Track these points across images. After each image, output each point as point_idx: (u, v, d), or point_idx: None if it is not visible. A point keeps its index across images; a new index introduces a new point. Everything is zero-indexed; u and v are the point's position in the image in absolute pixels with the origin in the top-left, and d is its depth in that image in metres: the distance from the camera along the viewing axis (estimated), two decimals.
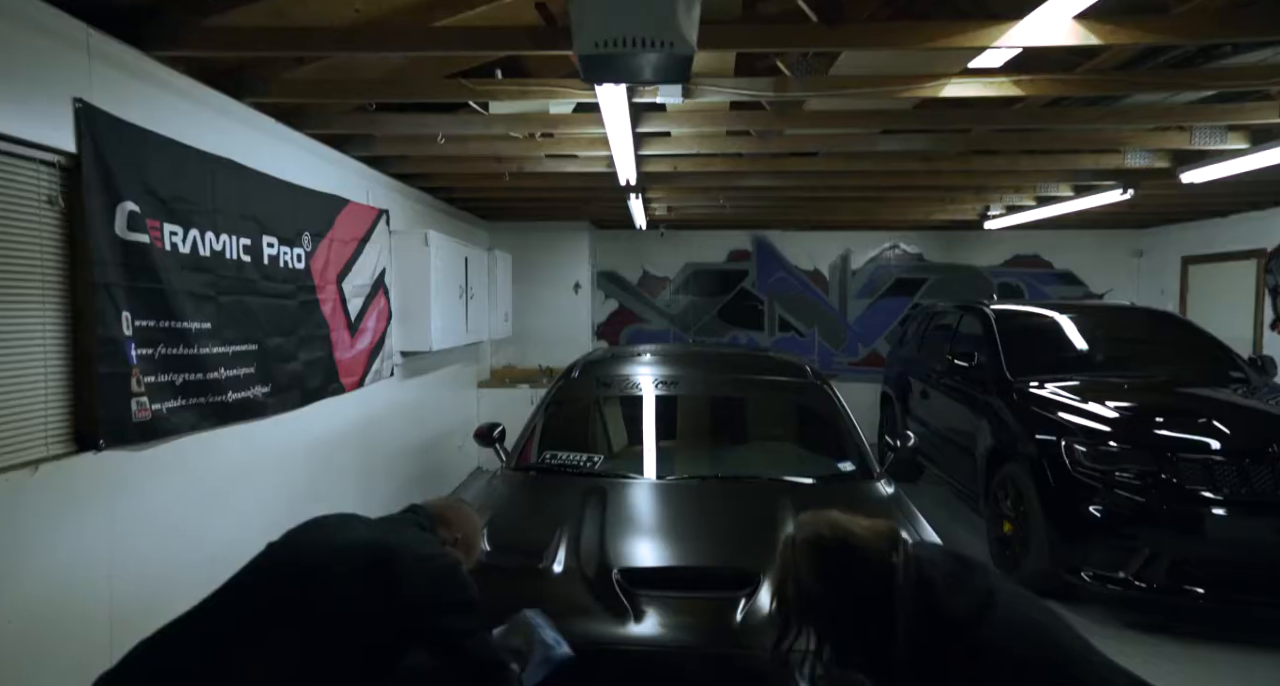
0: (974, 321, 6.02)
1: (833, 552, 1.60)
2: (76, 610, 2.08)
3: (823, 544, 1.61)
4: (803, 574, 1.62)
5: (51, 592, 2.23)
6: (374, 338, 4.83)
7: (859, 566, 1.57)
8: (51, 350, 2.33)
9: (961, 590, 1.54)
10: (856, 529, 1.62)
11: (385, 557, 1.60)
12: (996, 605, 1.51)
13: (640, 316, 9.24)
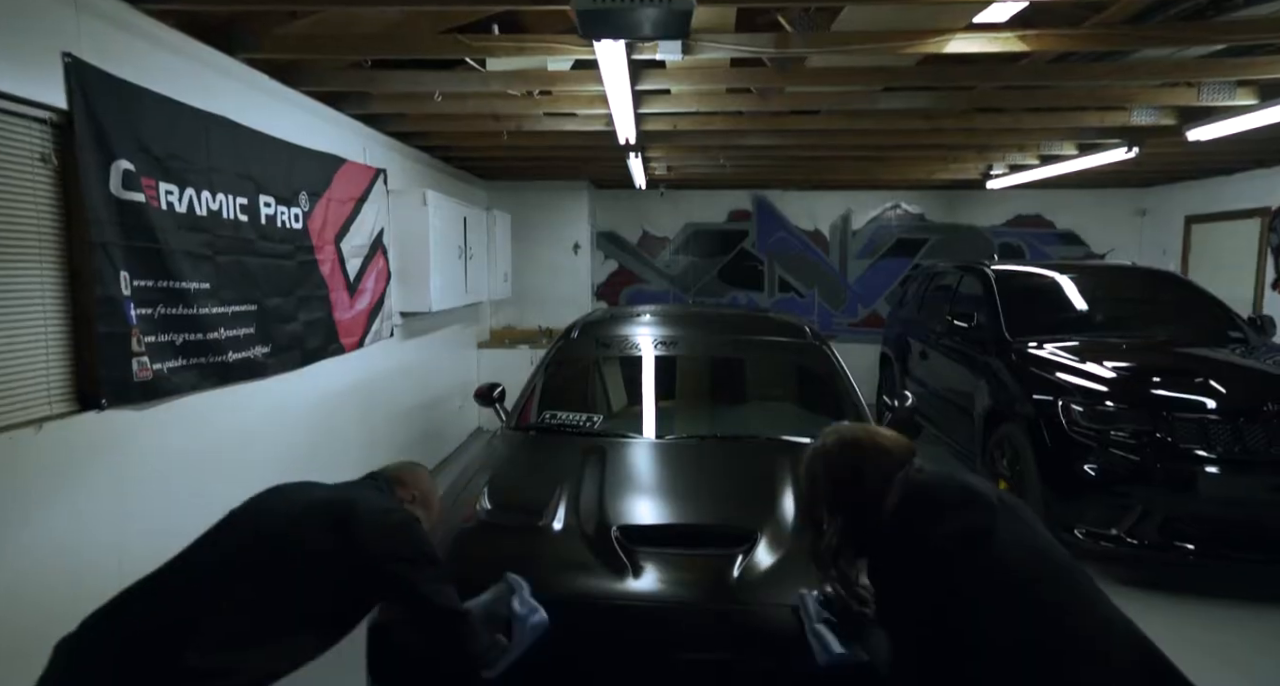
0: (974, 282, 6.01)
1: (854, 446, 1.69)
2: (84, 564, 2.12)
3: (845, 438, 1.72)
4: (827, 462, 1.70)
5: (58, 548, 2.26)
6: (373, 298, 4.83)
7: (873, 468, 1.64)
8: (50, 309, 2.33)
9: (958, 516, 1.56)
10: (880, 434, 1.73)
11: (343, 513, 1.69)
12: (993, 536, 1.51)
13: (640, 277, 9.22)
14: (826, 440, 1.76)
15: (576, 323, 4.26)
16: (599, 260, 9.13)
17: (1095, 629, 1.45)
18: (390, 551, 1.69)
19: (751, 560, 2.21)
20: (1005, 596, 1.47)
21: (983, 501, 1.58)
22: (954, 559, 1.51)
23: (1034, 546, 1.53)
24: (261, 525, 1.69)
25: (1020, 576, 1.48)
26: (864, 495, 1.63)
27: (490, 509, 2.59)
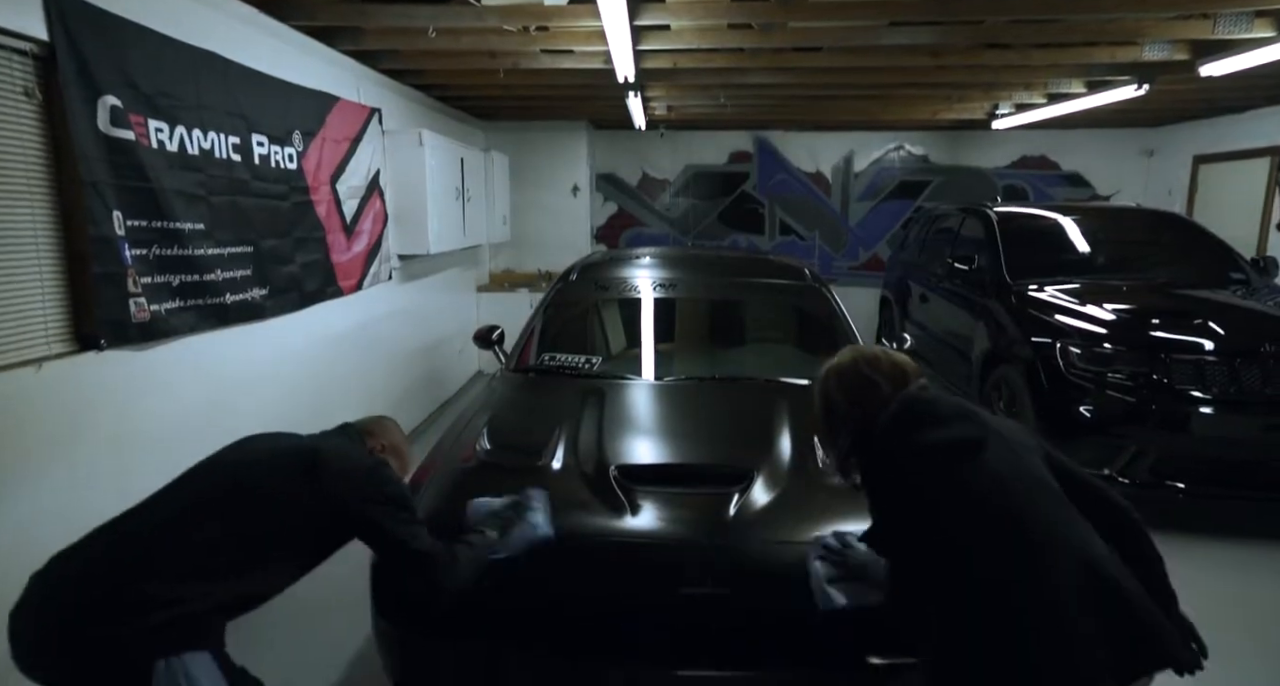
0: (976, 224, 5.96)
1: (869, 361, 1.76)
2: (86, 502, 2.15)
3: (860, 354, 1.80)
4: (840, 378, 1.77)
5: (60, 486, 2.30)
6: (370, 240, 4.79)
7: (885, 381, 1.72)
8: (44, 249, 2.31)
9: (950, 428, 1.62)
10: (892, 353, 1.81)
11: (311, 458, 1.75)
12: (983, 451, 1.56)
13: (640, 219, 9.14)
14: (842, 356, 1.83)
15: (575, 265, 4.24)
16: (598, 203, 9.03)
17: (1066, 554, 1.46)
18: (358, 494, 1.75)
19: (748, 499, 2.25)
20: (982, 507, 1.52)
21: (977, 419, 1.64)
22: (937, 463, 1.58)
23: (1021, 469, 1.57)
24: (230, 470, 1.75)
25: (1001, 491, 1.52)
26: (873, 407, 1.70)
27: (490, 449, 2.62)
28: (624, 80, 4.97)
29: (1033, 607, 1.42)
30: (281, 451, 1.80)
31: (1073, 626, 1.40)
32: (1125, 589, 1.45)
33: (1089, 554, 1.47)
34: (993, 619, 1.45)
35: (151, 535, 1.60)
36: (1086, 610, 1.40)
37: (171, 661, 1.47)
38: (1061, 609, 1.41)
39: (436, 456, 2.65)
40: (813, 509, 2.22)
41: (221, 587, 1.58)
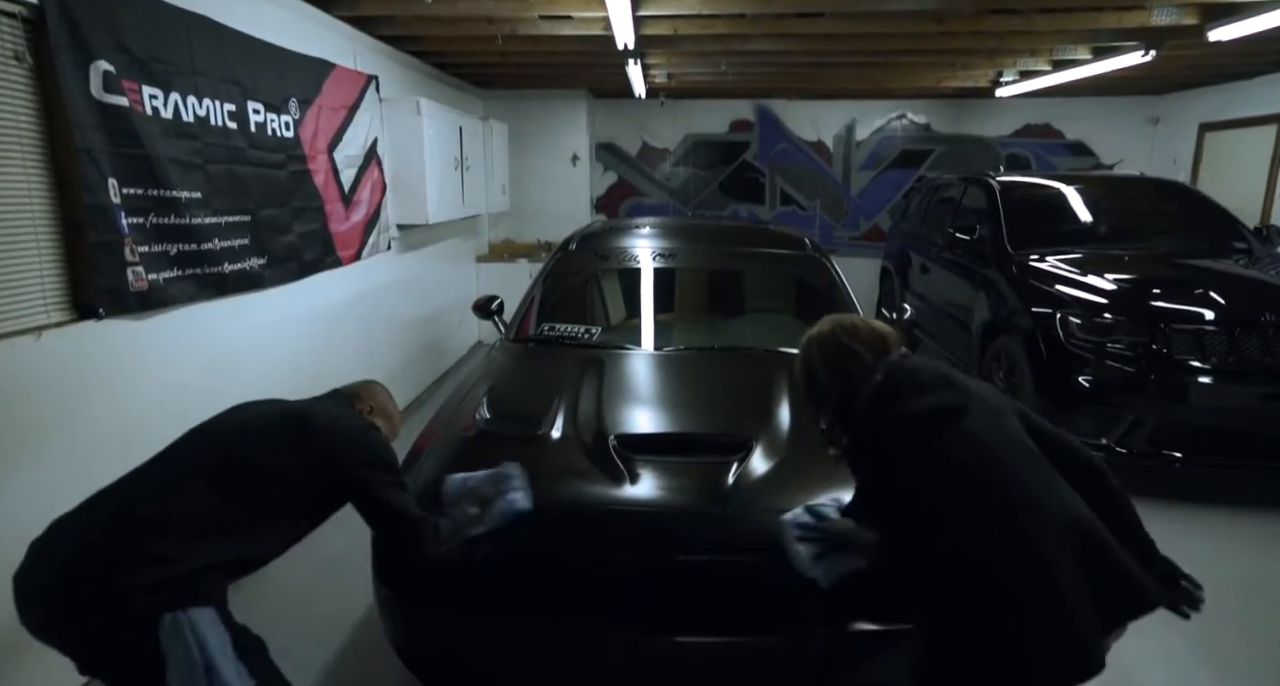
0: (978, 194, 5.92)
1: (849, 330, 1.77)
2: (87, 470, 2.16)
3: (841, 323, 1.80)
4: (822, 347, 1.78)
5: (62, 457, 2.31)
6: (369, 210, 4.76)
7: (865, 349, 1.72)
8: (40, 217, 2.30)
9: (933, 395, 1.64)
10: (872, 322, 1.81)
11: (301, 421, 1.79)
12: (965, 416, 1.59)
13: (639, 189, 9.08)
14: (822, 326, 1.83)
15: (574, 235, 4.22)
16: (598, 172, 8.97)
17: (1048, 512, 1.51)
18: (346, 455, 1.77)
19: (746, 467, 2.26)
20: (966, 471, 1.55)
21: (959, 386, 1.67)
22: (922, 430, 1.60)
23: (1002, 432, 1.60)
24: (220, 437, 1.77)
25: (983, 455, 1.55)
26: (855, 376, 1.71)
27: (490, 418, 2.62)
28: (623, 47, 4.90)
29: (1022, 568, 1.46)
30: (271, 416, 1.82)
31: (1060, 585, 1.43)
32: (1105, 543, 1.50)
33: (1070, 513, 1.52)
34: (983, 582, 1.48)
35: (147, 499, 1.62)
36: (1071, 567, 1.44)
37: (178, 615, 1.49)
38: (1049, 568, 1.45)
39: (436, 425, 2.66)
40: (811, 478, 2.23)
41: (218, 549, 1.61)
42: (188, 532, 1.58)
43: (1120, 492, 1.67)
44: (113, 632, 1.51)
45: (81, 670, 1.59)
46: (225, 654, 1.53)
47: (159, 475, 1.69)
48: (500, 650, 2.13)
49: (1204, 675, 2.76)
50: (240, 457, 1.71)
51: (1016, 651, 1.44)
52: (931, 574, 1.56)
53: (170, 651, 1.48)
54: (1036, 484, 1.54)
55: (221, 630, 1.55)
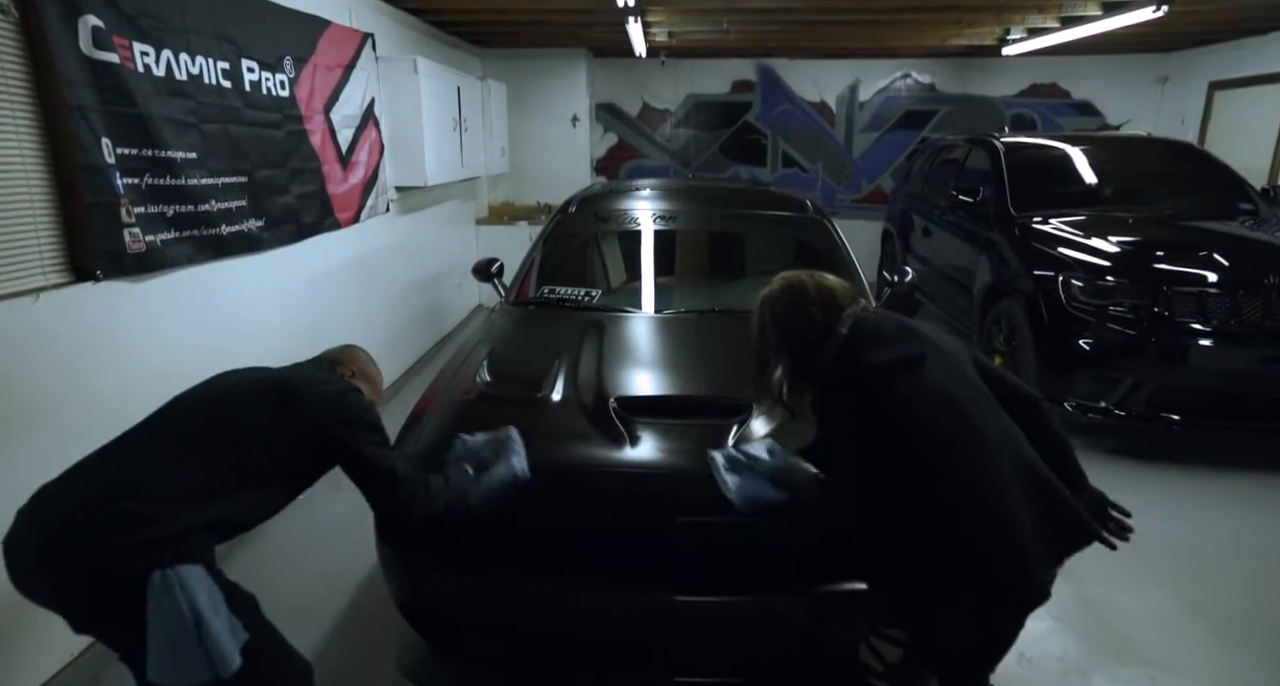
0: (982, 155, 5.86)
1: (799, 290, 1.83)
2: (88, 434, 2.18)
3: (791, 283, 1.86)
4: (774, 307, 1.84)
5: (60, 418, 2.31)
6: (367, 171, 4.72)
7: (818, 309, 1.79)
8: (34, 178, 2.27)
9: (895, 346, 1.72)
10: (825, 278, 1.87)
11: (283, 385, 1.82)
12: (924, 364, 1.68)
13: (640, 151, 8.98)
14: (773, 286, 1.89)
15: (574, 197, 4.18)
16: (598, 134, 8.86)
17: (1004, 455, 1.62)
18: (332, 418, 1.78)
19: (746, 430, 2.26)
20: (930, 416, 1.64)
21: (918, 337, 1.76)
22: (888, 380, 1.68)
23: (962, 380, 1.71)
24: (204, 404, 1.78)
25: (942, 402, 1.65)
26: (809, 334, 1.78)
27: (490, 381, 2.62)
28: (624, 4, 4.81)
29: (978, 502, 1.57)
30: (252, 383, 1.83)
31: (1013, 518, 1.55)
32: (1050, 480, 1.62)
33: (1023, 454, 1.64)
34: (943, 516, 1.60)
35: (131, 464, 1.64)
36: (1022, 502, 1.57)
37: (166, 572, 1.50)
38: (1002, 502, 1.57)
39: (437, 388, 2.66)
40: (810, 440, 2.24)
41: (204, 512, 1.61)
42: (173, 496, 1.59)
43: (1059, 431, 1.79)
44: (103, 592, 1.53)
45: (75, 629, 1.62)
46: (217, 610, 1.54)
47: (143, 441, 1.70)
48: (502, 608, 2.16)
49: (1197, 628, 2.81)
50: (223, 423, 1.72)
51: (973, 579, 1.58)
52: (894, 510, 1.68)
53: (157, 608, 1.49)
54: (991, 426, 1.65)
55: (211, 585, 1.56)
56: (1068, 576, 3.06)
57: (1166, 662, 2.61)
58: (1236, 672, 2.58)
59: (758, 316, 1.89)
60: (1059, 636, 2.76)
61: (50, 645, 2.36)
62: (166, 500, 1.58)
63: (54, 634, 2.32)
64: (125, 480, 1.59)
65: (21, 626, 2.22)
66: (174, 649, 1.49)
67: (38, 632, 2.28)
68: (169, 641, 1.49)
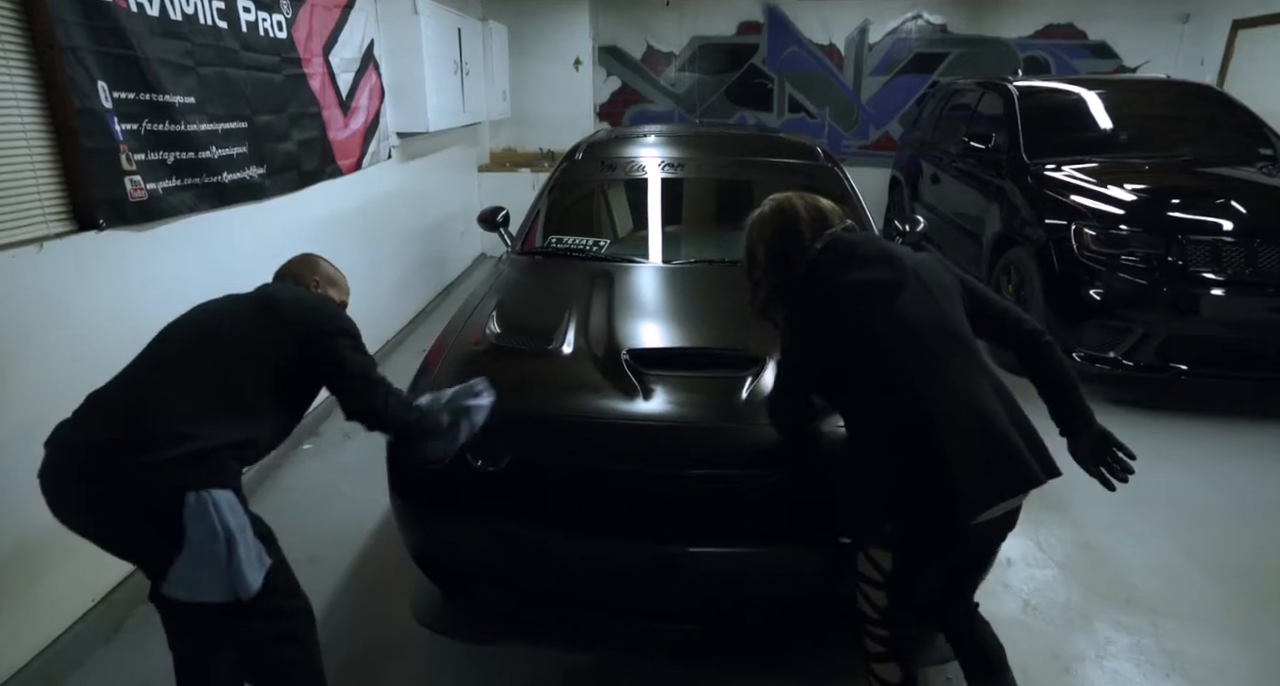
0: (995, 100, 5.73)
1: (789, 208, 1.85)
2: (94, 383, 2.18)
3: (780, 203, 1.88)
4: (763, 229, 1.87)
5: (65, 365, 2.29)
6: (368, 117, 4.61)
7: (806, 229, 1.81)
8: (30, 123, 2.21)
9: (871, 269, 1.73)
10: (816, 199, 1.88)
11: (266, 301, 1.87)
12: (900, 294, 1.69)
13: (644, 96, 8.79)
14: (764, 207, 1.91)
15: (580, 144, 4.10)
16: (601, 78, 8.65)
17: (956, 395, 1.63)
18: (316, 326, 1.83)
19: (759, 383, 2.24)
20: (889, 347, 1.65)
21: (897, 263, 1.75)
22: (851, 302, 1.70)
23: (934, 313, 1.70)
24: (197, 323, 1.83)
25: (911, 333, 1.66)
26: (796, 253, 1.80)
27: (500, 332, 2.60)
28: None
29: (915, 431, 1.60)
30: (238, 299, 1.89)
31: (944, 451, 1.57)
32: (996, 425, 1.62)
33: (977, 401, 1.63)
34: (883, 436, 1.65)
35: (144, 388, 1.68)
36: (962, 442, 1.58)
37: (201, 494, 1.55)
38: (938, 435, 1.58)
39: (446, 339, 2.64)
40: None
41: (221, 430, 1.65)
42: (190, 415, 1.63)
43: (1062, 366, 1.79)
44: (138, 510, 1.57)
45: (107, 548, 1.68)
46: (245, 534, 1.60)
47: (149, 366, 1.73)
48: (514, 558, 2.18)
49: (1200, 577, 2.85)
50: (219, 338, 1.77)
51: (901, 507, 1.63)
52: (848, 421, 1.76)
53: (192, 528, 1.54)
54: (949, 363, 1.65)
55: (241, 512, 1.61)
56: (1072, 524, 3.12)
57: (1169, 610, 2.65)
58: (1239, 620, 2.62)
59: (748, 237, 1.91)
60: (1063, 584, 2.80)
61: (74, 590, 2.40)
62: (186, 419, 1.62)
63: (77, 578, 2.38)
64: (142, 404, 1.63)
65: (46, 572, 2.25)
66: (201, 567, 1.55)
67: (61, 578, 2.32)
68: (198, 560, 1.54)
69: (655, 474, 2.08)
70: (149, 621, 2.51)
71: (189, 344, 1.77)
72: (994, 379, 1.69)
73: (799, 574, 2.14)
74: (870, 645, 1.79)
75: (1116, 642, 2.50)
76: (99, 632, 2.46)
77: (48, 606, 2.30)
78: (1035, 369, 1.80)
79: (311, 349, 1.80)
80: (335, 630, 2.50)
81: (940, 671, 2.30)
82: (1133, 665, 2.41)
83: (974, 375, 1.66)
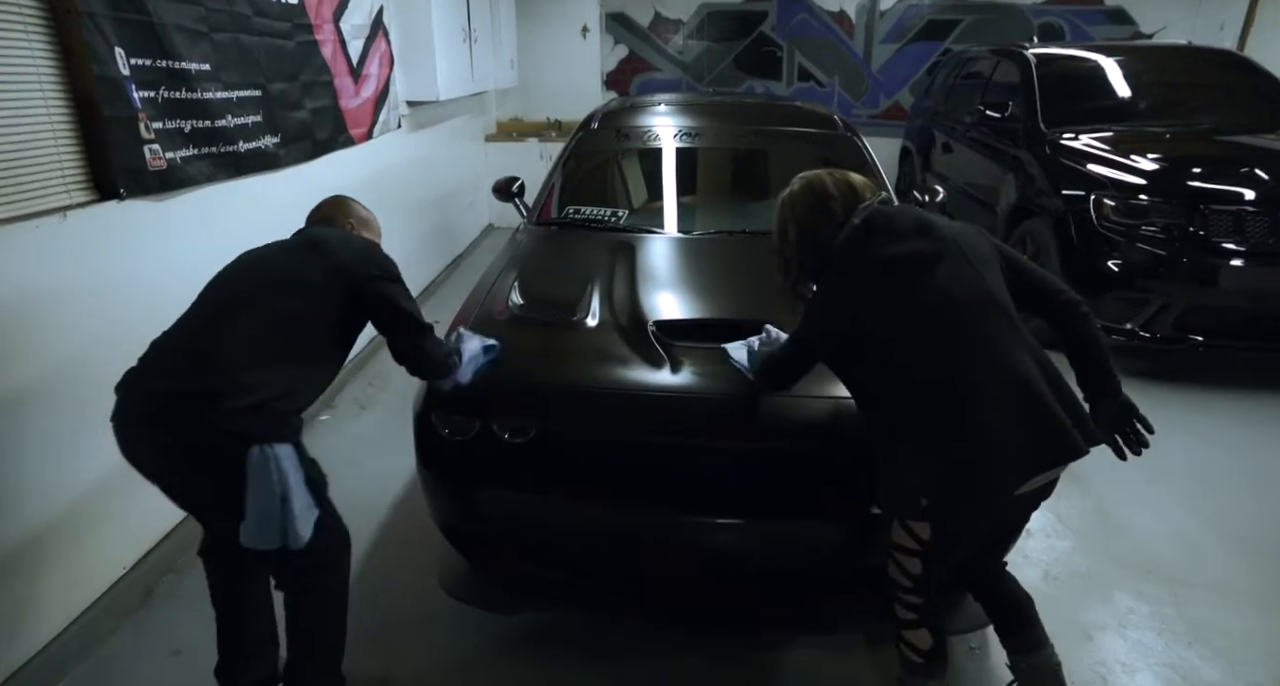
0: (1011, 67, 5.65)
1: (819, 186, 1.82)
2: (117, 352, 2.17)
3: (811, 182, 1.84)
4: (794, 208, 1.83)
5: (88, 336, 2.28)
6: (378, 85, 4.55)
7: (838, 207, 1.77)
8: (50, 90, 2.17)
9: (909, 242, 1.68)
10: (848, 175, 1.85)
11: (310, 242, 1.91)
12: (938, 266, 1.66)
13: (651, 64, 8.67)
14: (793, 186, 1.88)
15: (596, 112, 4.04)
16: (608, 46, 8.53)
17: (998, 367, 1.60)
18: (367, 270, 1.86)
19: None
20: (930, 320, 1.64)
21: (936, 234, 1.71)
22: (898, 276, 1.67)
23: (974, 285, 1.66)
24: (243, 270, 1.86)
25: (950, 305, 1.63)
26: (828, 231, 1.77)
27: (523, 304, 2.58)
28: None
29: (957, 404, 1.59)
30: (284, 246, 1.93)
31: (987, 423, 1.56)
32: (1045, 399, 1.59)
33: (1020, 366, 1.61)
34: (923, 409, 1.62)
35: (201, 338, 1.72)
36: (1004, 414, 1.56)
37: (264, 448, 1.61)
38: (980, 408, 1.57)
39: (468, 311, 2.62)
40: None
41: (278, 376, 1.70)
42: (251, 363, 1.68)
43: (1097, 337, 1.78)
44: (204, 461, 1.64)
45: (171, 496, 1.76)
46: (299, 489, 1.66)
47: (208, 313, 1.77)
48: (542, 530, 2.19)
49: (1219, 547, 2.86)
50: (273, 285, 1.80)
51: (946, 470, 1.59)
52: (881, 397, 1.72)
53: (253, 480, 1.61)
54: (989, 335, 1.63)
55: (298, 465, 1.68)
56: (1091, 495, 3.13)
57: (1189, 580, 2.67)
58: (1260, 590, 2.64)
59: (778, 217, 1.88)
60: (1083, 554, 2.81)
61: (104, 558, 2.42)
62: (246, 368, 1.66)
63: (109, 546, 2.40)
64: (205, 353, 1.68)
65: (78, 540, 2.27)
66: (260, 517, 1.63)
67: (91, 545, 2.34)
68: (257, 510, 1.62)
69: (683, 444, 2.08)
70: (177, 591, 2.54)
71: (246, 291, 1.80)
72: (1035, 349, 1.67)
73: (828, 544, 2.15)
74: (902, 612, 1.80)
75: (1137, 612, 2.52)
76: (134, 597, 2.49)
77: (79, 575, 2.32)
78: (1070, 338, 1.79)
79: (363, 293, 1.84)
80: (360, 600, 2.51)
81: (963, 641, 2.32)
82: (1154, 633, 2.43)
83: (1016, 345, 1.64)
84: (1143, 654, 2.35)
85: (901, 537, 1.71)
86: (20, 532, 2.08)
